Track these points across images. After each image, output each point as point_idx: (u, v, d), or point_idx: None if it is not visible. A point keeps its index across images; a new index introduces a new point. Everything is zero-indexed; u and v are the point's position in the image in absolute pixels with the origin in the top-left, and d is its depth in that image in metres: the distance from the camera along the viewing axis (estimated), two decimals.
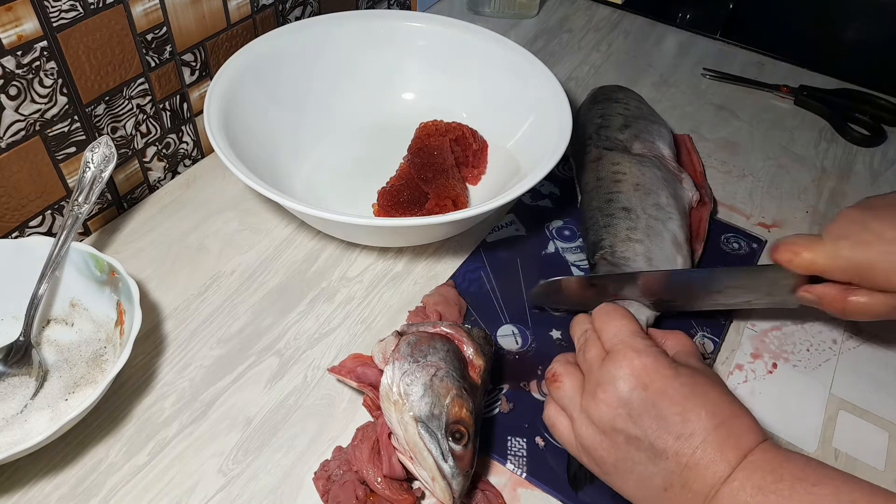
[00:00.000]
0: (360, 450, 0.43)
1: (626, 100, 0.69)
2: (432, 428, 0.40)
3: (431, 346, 0.43)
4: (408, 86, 0.71)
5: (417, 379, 0.41)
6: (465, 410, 0.41)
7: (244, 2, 0.62)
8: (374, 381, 0.44)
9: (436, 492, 0.40)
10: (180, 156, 0.65)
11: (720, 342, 0.54)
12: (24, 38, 0.47)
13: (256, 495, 0.43)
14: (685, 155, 0.68)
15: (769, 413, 0.50)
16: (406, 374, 0.41)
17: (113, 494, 0.43)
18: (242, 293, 0.55)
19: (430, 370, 0.42)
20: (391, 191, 0.60)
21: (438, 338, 0.44)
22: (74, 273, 0.50)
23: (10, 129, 0.49)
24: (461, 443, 0.40)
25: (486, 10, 0.91)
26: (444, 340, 0.44)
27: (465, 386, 0.42)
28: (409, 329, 0.46)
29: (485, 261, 0.59)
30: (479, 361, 0.45)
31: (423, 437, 0.40)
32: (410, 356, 0.42)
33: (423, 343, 0.43)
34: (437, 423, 0.40)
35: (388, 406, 0.41)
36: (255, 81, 0.61)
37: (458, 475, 0.39)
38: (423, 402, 0.40)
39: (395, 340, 0.44)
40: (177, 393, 0.48)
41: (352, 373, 0.46)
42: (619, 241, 0.55)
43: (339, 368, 0.46)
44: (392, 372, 0.42)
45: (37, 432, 0.40)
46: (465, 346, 0.45)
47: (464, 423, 0.41)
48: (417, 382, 0.41)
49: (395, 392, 0.41)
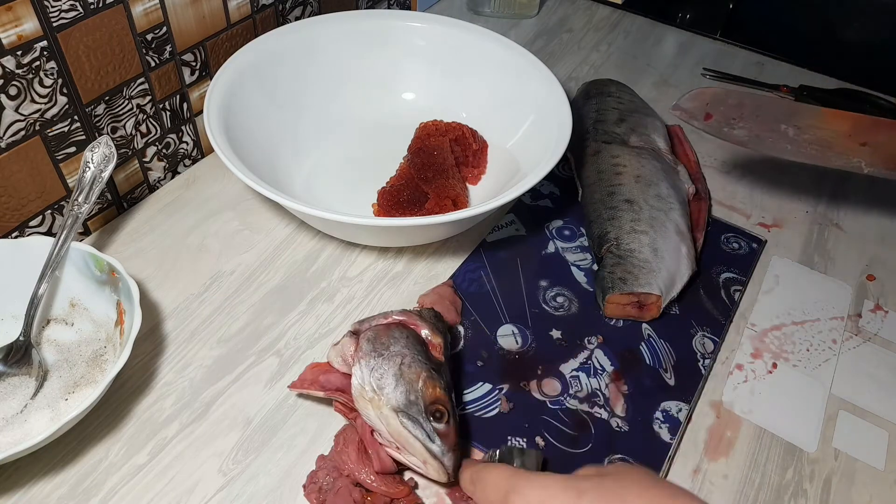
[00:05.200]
0: (347, 453, 0.43)
1: (619, 93, 0.70)
2: (412, 414, 0.41)
3: (391, 336, 0.44)
4: (408, 86, 0.71)
5: (387, 371, 0.42)
6: (439, 389, 0.42)
7: (244, 2, 0.62)
8: (340, 385, 0.45)
9: (430, 473, 0.41)
10: (180, 156, 0.65)
11: (720, 342, 0.54)
12: (24, 38, 0.47)
13: (256, 495, 0.43)
14: (678, 146, 0.69)
15: (769, 413, 0.50)
16: (374, 369, 0.42)
17: (113, 494, 0.43)
18: (242, 293, 0.55)
19: (397, 360, 0.43)
20: (391, 191, 0.60)
21: (395, 327, 0.45)
22: (74, 273, 0.50)
23: (10, 128, 0.49)
24: (443, 421, 0.41)
25: (486, 10, 0.91)
26: (401, 328, 0.45)
27: (432, 367, 0.43)
28: (362, 326, 0.46)
29: (485, 261, 0.59)
30: (437, 340, 0.46)
31: (407, 425, 0.40)
32: (374, 351, 0.43)
33: (383, 336, 0.44)
34: (416, 409, 0.41)
35: (365, 405, 0.42)
36: (255, 81, 0.61)
37: (448, 452, 0.40)
38: (398, 392, 0.41)
39: (352, 341, 0.45)
40: (177, 393, 0.48)
41: (315, 383, 0.46)
42: (624, 233, 0.56)
43: (301, 382, 0.46)
44: (360, 371, 0.42)
45: (37, 432, 0.40)
46: (420, 329, 0.46)
47: (441, 402, 0.42)
48: (387, 375, 0.42)
49: (369, 389, 0.42)
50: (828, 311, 0.57)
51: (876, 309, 0.58)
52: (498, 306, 0.55)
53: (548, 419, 0.48)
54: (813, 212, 0.67)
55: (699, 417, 0.49)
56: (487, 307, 0.55)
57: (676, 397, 0.50)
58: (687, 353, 0.53)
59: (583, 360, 0.52)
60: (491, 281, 0.57)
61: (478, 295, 0.56)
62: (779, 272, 0.60)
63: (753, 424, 0.49)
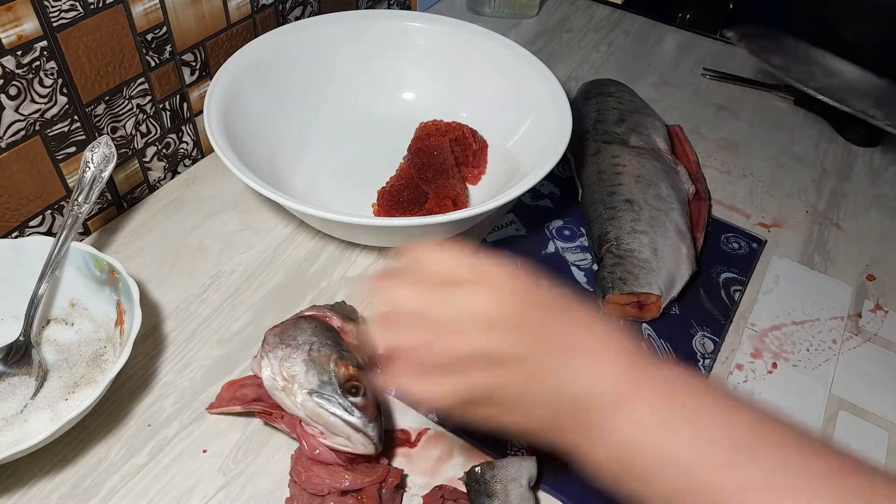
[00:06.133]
0: (315, 473, 0.41)
1: (619, 93, 0.70)
2: (327, 394, 0.41)
3: (297, 328, 0.44)
4: (408, 86, 0.71)
5: (296, 359, 0.42)
6: (352, 367, 0.43)
7: (244, 2, 0.62)
8: (257, 395, 0.45)
9: (358, 449, 0.41)
10: (180, 155, 0.65)
11: (720, 342, 0.54)
12: (24, 38, 0.47)
13: (256, 495, 0.43)
14: (678, 146, 0.69)
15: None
16: (283, 359, 0.42)
17: (113, 494, 0.43)
18: (242, 293, 0.55)
19: (305, 347, 0.43)
20: (391, 191, 0.60)
21: (302, 319, 0.46)
22: (74, 273, 0.50)
23: (10, 128, 0.49)
24: (359, 394, 0.42)
25: (486, 10, 0.91)
26: (309, 320, 0.46)
27: (343, 349, 0.44)
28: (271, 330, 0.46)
29: None
30: (349, 326, 0.46)
31: (322, 404, 0.41)
32: (282, 343, 0.43)
33: (290, 329, 0.45)
34: (330, 388, 0.41)
35: (280, 396, 0.42)
36: (256, 81, 0.61)
37: (370, 422, 0.41)
38: (310, 376, 0.42)
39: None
40: (177, 393, 0.48)
41: (233, 400, 0.46)
42: (624, 233, 0.56)
43: (219, 403, 0.46)
44: (270, 363, 0.42)
45: (37, 432, 0.40)
46: (331, 319, 0.46)
47: (354, 378, 0.42)
48: (297, 361, 0.42)
49: (280, 380, 0.42)
50: (828, 311, 0.57)
51: (876, 309, 0.58)
52: None
53: None
54: (813, 212, 0.67)
55: None
56: None
57: None
58: (687, 353, 0.53)
59: None
60: None
61: None
62: (779, 272, 0.60)
63: None
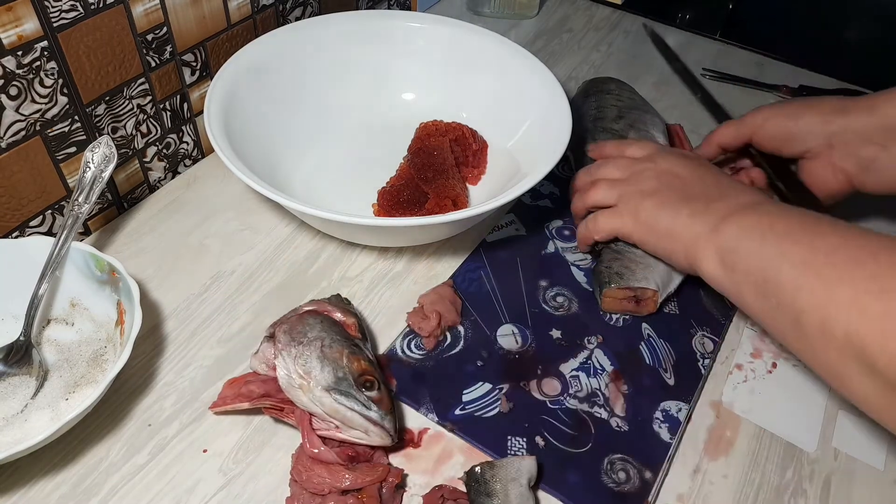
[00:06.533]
0: (316, 473, 0.42)
1: (619, 91, 0.70)
2: (344, 389, 0.42)
3: (306, 324, 0.45)
4: (408, 86, 0.71)
5: (310, 356, 0.43)
6: (364, 362, 0.44)
7: (244, 2, 0.62)
8: (264, 390, 0.45)
9: (374, 441, 0.42)
10: (180, 156, 0.65)
11: (720, 342, 0.54)
12: (24, 38, 0.47)
13: (257, 495, 0.43)
14: (678, 144, 0.69)
15: (769, 413, 0.50)
16: (297, 357, 0.43)
17: (113, 494, 0.43)
18: (243, 293, 0.55)
19: (317, 343, 0.44)
20: (391, 191, 0.60)
21: (308, 315, 0.46)
22: (75, 273, 0.50)
23: (10, 129, 0.49)
24: (374, 388, 0.43)
25: (486, 10, 0.91)
26: (314, 315, 0.46)
27: (352, 343, 0.45)
28: (276, 327, 0.46)
29: (485, 261, 0.59)
30: (350, 319, 0.47)
31: (341, 400, 0.42)
32: (293, 341, 0.44)
33: (298, 325, 0.45)
34: (346, 384, 0.42)
35: (296, 393, 0.43)
36: (256, 82, 0.61)
37: (386, 415, 0.42)
38: (325, 372, 0.42)
39: (271, 344, 0.45)
40: (177, 393, 0.48)
41: (239, 396, 0.45)
42: None
43: (222, 401, 0.46)
44: (284, 362, 0.43)
45: (37, 432, 0.40)
46: (332, 313, 0.47)
47: (368, 373, 0.43)
48: (311, 358, 0.43)
49: (296, 377, 0.43)
50: None
51: None
52: (498, 306, 0.55)
53: (547, 419, 0.48)
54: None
55: (699, 417, 0.49)
56: (487, 307, 0.55)
57: (676, 397, 0.50)
58: (687, 352, 0.53)
59: (583, 359, 0.52)
60: (491, 281, 0.57)
61: (478, 295, 0.56)
62: None
63: (753, 424, 0.49)
